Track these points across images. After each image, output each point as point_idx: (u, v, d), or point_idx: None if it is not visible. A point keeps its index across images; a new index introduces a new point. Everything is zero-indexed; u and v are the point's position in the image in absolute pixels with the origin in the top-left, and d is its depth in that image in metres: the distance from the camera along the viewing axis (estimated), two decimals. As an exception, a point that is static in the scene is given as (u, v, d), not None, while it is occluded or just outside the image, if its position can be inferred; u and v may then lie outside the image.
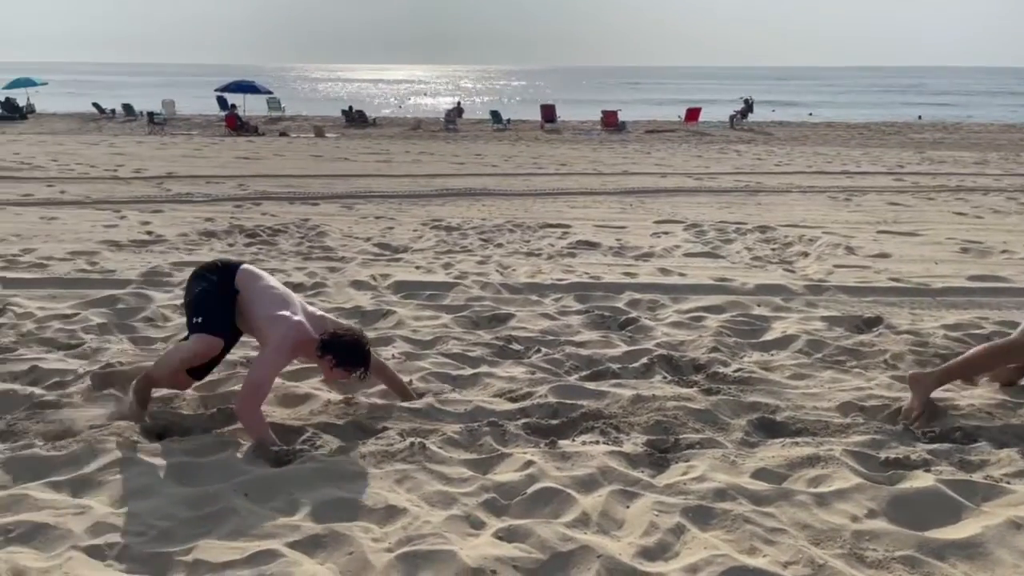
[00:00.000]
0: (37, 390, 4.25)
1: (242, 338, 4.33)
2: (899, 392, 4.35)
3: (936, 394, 4.19)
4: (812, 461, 3.52)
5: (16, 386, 4.28)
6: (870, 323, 5.72)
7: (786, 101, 54.75)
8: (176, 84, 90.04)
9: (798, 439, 3.80)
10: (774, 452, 3.66)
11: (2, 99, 33.31)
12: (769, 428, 3.98)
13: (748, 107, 33.70)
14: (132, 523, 3.02)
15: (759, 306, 6.16)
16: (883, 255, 8.14)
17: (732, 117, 32.80)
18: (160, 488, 3.26)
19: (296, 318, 3.91)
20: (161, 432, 3.86)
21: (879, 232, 9.42)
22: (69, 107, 40.14)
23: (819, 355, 5.03)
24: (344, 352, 3.83)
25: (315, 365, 4.20)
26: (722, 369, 4.73)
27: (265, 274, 4.21)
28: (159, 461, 3.49)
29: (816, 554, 2.85)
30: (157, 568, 2.78)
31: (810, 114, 40.09)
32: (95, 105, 36.65)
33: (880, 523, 3.06)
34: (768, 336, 5.45)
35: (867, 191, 12.96)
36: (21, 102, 34.28)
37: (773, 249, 8.43)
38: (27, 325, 5.38)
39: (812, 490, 3.30)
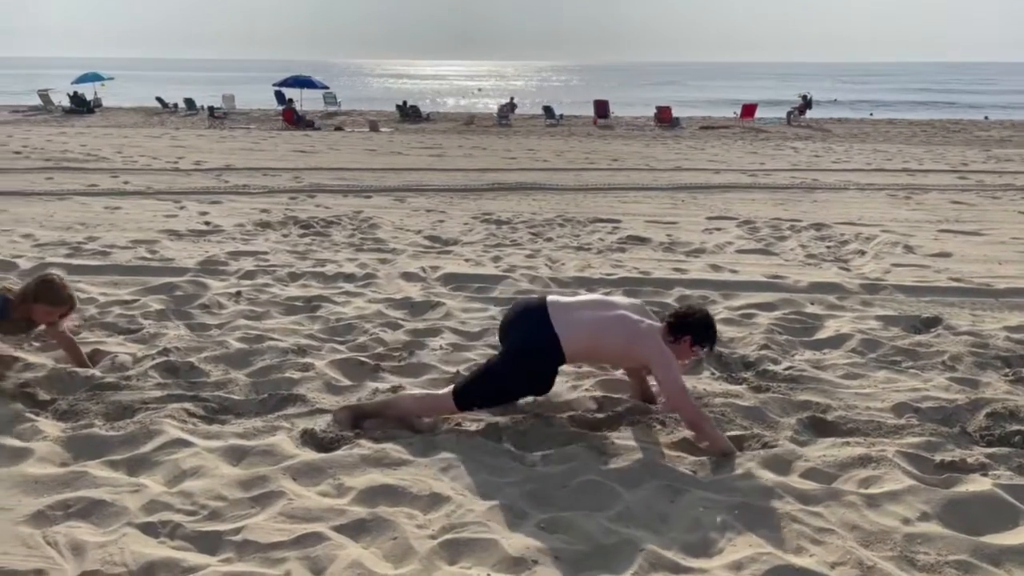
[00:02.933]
0: (97, 372, 4.40)
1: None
2: (956, 394, 4.22)
3: (995, 395, 4.05)
4: (863, 462, 3.44)
5: (78, 368, 4.43)
6: (928, 323, 5.55)
7: (848, 100, 53.14)
8: (236, 79, 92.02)
9: (849, 439, 3.72)
10: (824, 451, 3.58)
11: (71, 93, 34.44)
12: (819, 427, 3.91)
13: (806, 103, 33.00)
14: (184, 502, 3.10)
15: (812, 304, 6.04)
16: (944, 254, 7.89)
17: (789, 113, 32.14)
18: (211, 469, 3.35)
19: (635, 317, 3.85)
20: (213, 416, 3.96)
21: (940, 231, 9.14)
22: (134, 101, 41.34)
23: (873, 355, 4.91)
24: (700, 328, 3.83)
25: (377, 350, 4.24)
26: (772, 367, 4.64)
27: (568, 299, 4.06)
28: (211, 443, 3.59)
29: (865, 556, 2.79)
30: (207, 546, 2.86)
31: (871, 113, 38.88)
32: (158, 99, 37.70)
33: (933, 526, 2.98)
34: (821, 334, 5.34)
35: (929, 189, 12.58)
36: (89, 96, 35.41)
37: (828, 247, 8.24)
38: (90, 310, 5.56)
39: (863, 491, 3.22)
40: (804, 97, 33.74)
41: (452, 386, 3.90)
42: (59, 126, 25.05)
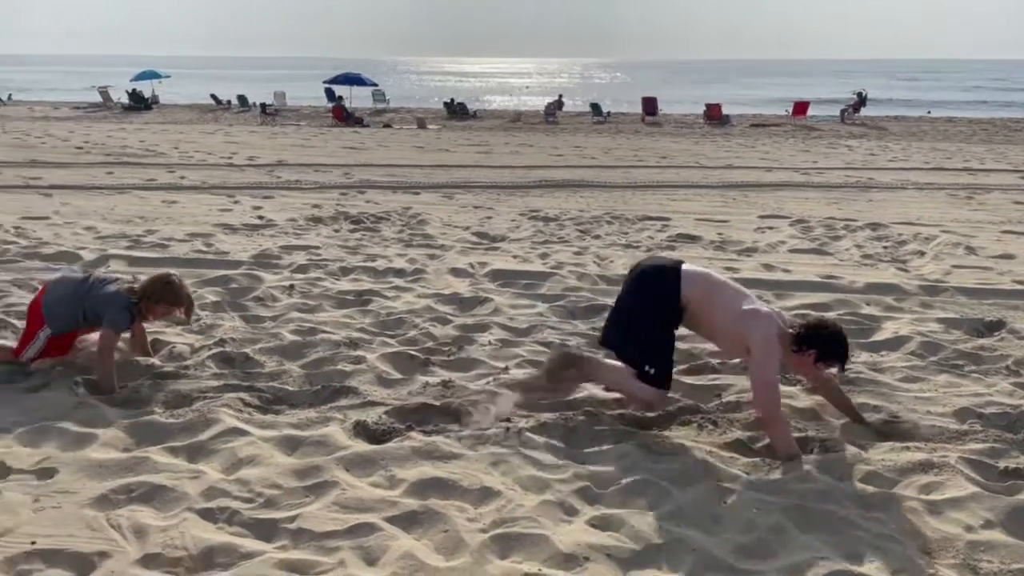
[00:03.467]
0: (157, 361, 4.52)
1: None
2: (1021, 399, 4.09)
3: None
4: (924, 467, 3.35)
5: (139, 357, 4.55)
6: (992, 327, 5.39)
7: (902, 99, 51.47)
8: (287, 76, 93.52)
9: (910, 444, 3.63)
10: (883, 456, 3.50)
11: (130, 90, 35.39)
12: (879, 431, 3.81)
13: (861, 101, 32.27)
14: (241, 489, 3.17)
15: (869, 305, 5.91)
16: (1007, 256, 7.65)
17: (843, 111, 31.48)
18: (267, 458, 3.41)
19: (766, 309, 3.81)
20: (268, 406, 4.03)
21: (1003, 232, 8.86)
22: (189, 98, 42.28)
23: (934, 358, 4.78)
24: (827, 344, 3.64)
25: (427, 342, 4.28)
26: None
27: (707, 270, 4.13)
28: (266, 432, 3.65)
29: (926, 563, 2.72)
30: (263, 533, 2.91)
31: (928, 111, 37.71)
32: (213, 96, 38.51)
33: (997, 534, 2.90)
34: (878, 336, 5.22)
35: (991, 189, 12.21)
36: (147, 93, 36.34)
37: (885, 247, 8.05)
38: (149, 301, 5.70)
39: (924, 497, 3.14)
40: (859, 94, 32.97)
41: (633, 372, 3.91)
42: (118, 122, 25.75)
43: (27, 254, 7.04)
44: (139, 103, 34.15)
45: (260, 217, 9.24)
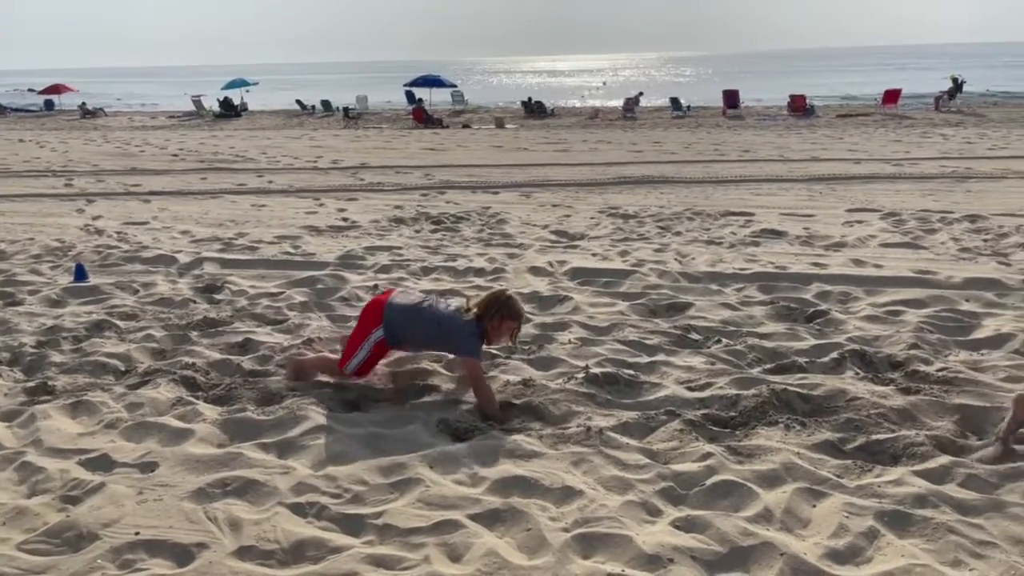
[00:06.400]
0: (248, 360, 4.69)
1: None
2: None
3: None
4: (1029, 472, 3.18)
5: (232, 356, 4.74)
6: (1104, 324, 5.06)
7: (1000, 89, 48.31)
8: (369, 80, 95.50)
9: (1015, 448, 3.44)
10: (983, 460, 3.33)
11: (220, 99, 36.79)
12: (979, 433, 3.64)
13: (957, 87, 30.74)
14: (329, 485, 3.26)
15: (967, 301, 5.64)
16: (1121, 248, 7.17)
17: (937, 99, 30.09)
18: (354, 455, 3.50)
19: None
20: (354, 403, 4.13)
21: (1117, 222, 8.31)
22: (276, 104, 43.67)
23: (1040, 357, 4.52)
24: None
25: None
26: (923, 367, 4.37)
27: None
28: (353, 430, 3.74)
29: (1033, 573, 2.58)
30: (351, 528, 2.99)
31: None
32: (298, 102, 39.70)
33: (1112, 545, 2.72)
34: (978, 334, 4.97)
35: (1102, 176, 11.47)
36: (236, 101, 37.70)
37: (985, 240, 7.66)
38: (240, 301, 5.93)
39: (1029, 503, 2.98)
40: (954, 80, 31.41)
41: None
42: (210, 130, 26.83)
43: (128, 258, 7.42)
44: (229, 111, 35.45)
45: (344, 219, 9.47)
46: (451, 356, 4.50)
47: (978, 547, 2.74)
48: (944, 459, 3.33)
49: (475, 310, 4.14)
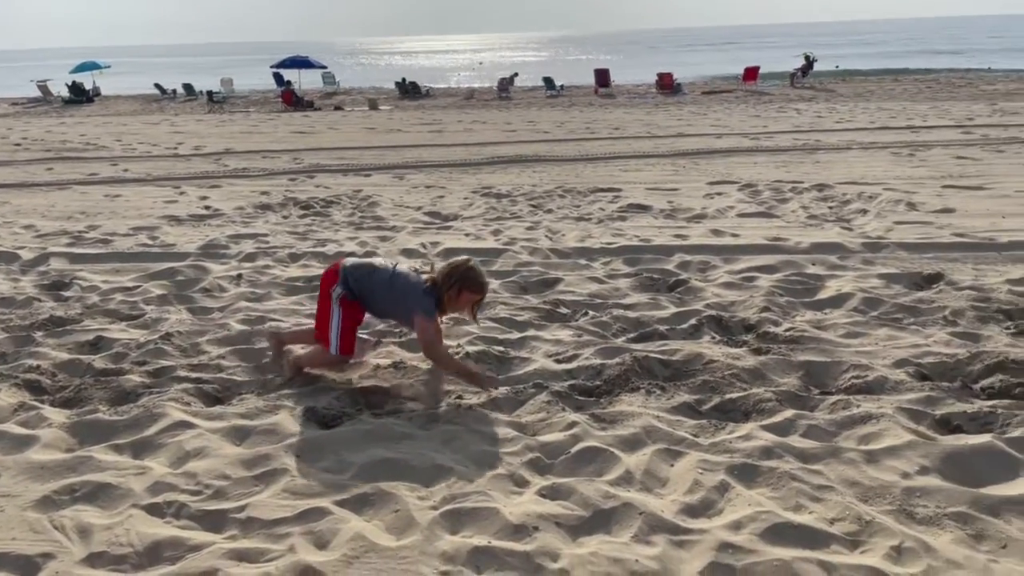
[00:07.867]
0: (100, 358, 4.43)
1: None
2: (957, 348, 4.21)
3: (996, 348, 4.04)
4: (864, 419, 3.44)
5: (82, 355, 4.47)
6: (930, 279, 5.53)
7: (849, 67, 51.95)
8: (234, 63, 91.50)
9: (850, 397, 3.72)
10: (824, 411, 3.59)
11: (70, 83, 34.36)
12: (820, 387, 3.91)
13: (809, 64, 32.59)
14: (189, 482, 3.14)
15: (814, 265, 6.02)
16: (947, 210, 7.84)
17: (792, 75, 31.81)
18: (215, 449, 3.38)
19: None
20: (215, 397, 3.99)
21: (944, 187, 9.06)
22: (132, 89, 41.23)
23: (875, 313, 4.90)
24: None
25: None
26: (773, 328, 4.64)
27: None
28: (214, 424, 3.62)
29: (864, 511, 2.80)
30: (212, 525, 2.89)
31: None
32: (157, 86, 37.60)
33: (932, 480, 2.99)
34: (822, 295, 5.33)
35: (932, 145, 12.46)
36: (87, 85, 35.34)
37: (830, 207, 8.19)
38: (92, 298, 5.60)
39: (862, 448, 3.23)
40: (807, 57, 33.28)
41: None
42: (58, 117, 25.04)
43: (-36, 257, 6.84)
44: (80, 96, 33.24)
45: (207, 207, 9.08)
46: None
47: (817, 491, 2.95)
48: (789, 412, 3.56)
49: (434, 275, 4.03)
